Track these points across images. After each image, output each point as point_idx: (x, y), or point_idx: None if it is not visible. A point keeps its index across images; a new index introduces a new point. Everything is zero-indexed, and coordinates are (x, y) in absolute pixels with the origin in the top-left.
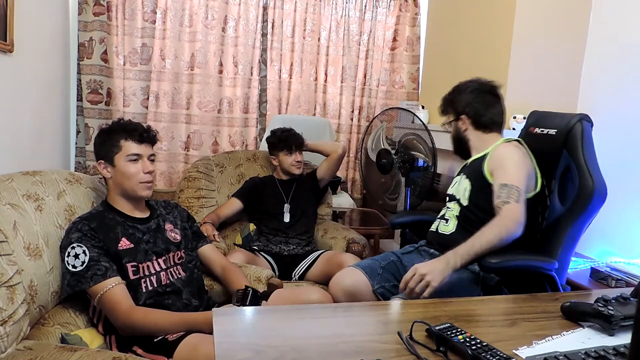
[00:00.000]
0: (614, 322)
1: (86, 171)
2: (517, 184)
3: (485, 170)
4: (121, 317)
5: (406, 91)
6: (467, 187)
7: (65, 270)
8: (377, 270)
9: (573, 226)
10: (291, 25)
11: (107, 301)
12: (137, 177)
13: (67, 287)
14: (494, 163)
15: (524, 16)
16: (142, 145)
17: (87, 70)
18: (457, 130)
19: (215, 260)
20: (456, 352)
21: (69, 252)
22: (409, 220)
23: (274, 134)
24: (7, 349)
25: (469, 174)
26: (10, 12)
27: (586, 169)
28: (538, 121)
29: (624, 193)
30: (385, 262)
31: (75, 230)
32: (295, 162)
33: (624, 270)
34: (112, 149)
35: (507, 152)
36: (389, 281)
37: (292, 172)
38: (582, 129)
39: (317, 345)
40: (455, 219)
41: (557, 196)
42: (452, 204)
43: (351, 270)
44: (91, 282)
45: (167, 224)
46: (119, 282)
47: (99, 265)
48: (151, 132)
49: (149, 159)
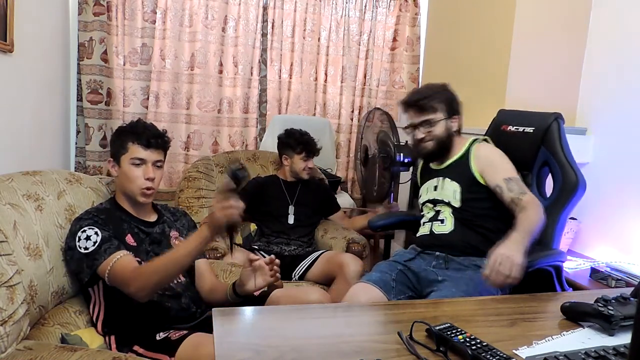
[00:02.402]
0: (614, 322)
1: (86, 171)
2: (517, 176)
3: (474, 170)
4: (131, 281)
5: (406, 91)
6: (456, 189)
7: (79, 256)
8: (390, 284)
9: (561, 217)
10: (291, 25)
11: (116, 271)
12: (138, 182)
13: (86, 269)
14: (482, 162)
15: (524, 16)
16: (148, 150)
17: (87, 70)
18: (448, 130)
19: (206, 275)
20: (456, 352)
21: (79, 237)
22: (390, 222)
23: (292, 135)
24: (7, 349)
25: (454, 176)
26: (10, 12)
27: (567, 164)
28: (509, 119)
29: (624, 193)
30: (394, 273)
31: (86, 218)
32: (308, 168)
33: (624, 270)
34: (120, 149)
35: (491, 150)
36: (404, 292)
37: (302, 176)
38: (559, 126)
39: (317, 345)
40: (452, 218)
41: (536, 189)
42: (442, 206)
43: (364, 287)
44: (105, 255)
45: (172, 231)
46: (127, 253)
47: (111, 241)
48: (161, 138)
49: (154, 165)
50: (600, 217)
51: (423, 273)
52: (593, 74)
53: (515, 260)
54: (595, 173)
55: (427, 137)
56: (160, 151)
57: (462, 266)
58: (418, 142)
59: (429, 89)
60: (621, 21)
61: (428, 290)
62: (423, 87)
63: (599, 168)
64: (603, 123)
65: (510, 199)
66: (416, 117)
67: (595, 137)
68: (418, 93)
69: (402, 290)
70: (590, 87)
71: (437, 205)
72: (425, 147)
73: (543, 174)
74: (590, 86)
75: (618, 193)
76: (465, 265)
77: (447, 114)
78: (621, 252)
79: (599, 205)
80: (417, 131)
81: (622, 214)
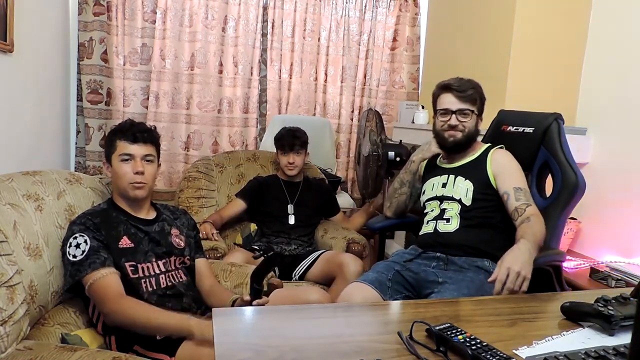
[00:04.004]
0: (614, 322)
1: (86, 171)
2: (527, 188)
3: (489, 173)
4: (110, 302)
5: (406, 91)
6: (469, 187)
7: (67, 262)
8: (385, 284)
9: (561, 217)
10: (291, 25)
11: (98, 287)
12: (127, 177)
13: (68, 278)
14: (498, 167)
15: (524, 16)
16: (134, 145)
17: (87, 70)
18: (476, 126)
19: (206, 276)
20: (456, 352)
21: (70, 243)
22: (389, 224)
23: (278, 132)
24: (7, 349)
25: (468, 175)
26: (10, 12)
27: (567, 164)
28: (509, 120)
29: (624, 193)
30: (390, 273)
31: (79, 224)
32: (288, 163)
33: (624, 270)
34: (110, 149)
35: (510, 158)
36: (400, 292)
37: (286, 172)
38: (558, 127)
39: (317, 345)
40: (458, 217)
41: (535, 189)
42: (449, 203)
43: (359, 286)
44: (89, 270)
45: (173, 228)
46: (113, 272)
47: (98, 254)
48: (148, 132)
49: (144, 160)
50: (600, 217)
51: (423, 274)
52: (593, 74)
53: (526, 275)
54: (595, 173)
55: (460, 126)
56: (149, 145)
57: (463, 268)
58: (449, 128)
59: (472, 82)
60: (621, 21)
61: (427, 291)
62: (464, 78)
63: (599, 168)
64: (603, 123)
65: (515, 207)
66: (455, 103)
67: (595, 137)
68: (462, 81)
69: (398, 291)
70: (590, 87)
71: (443, 203)
72: (454, 136)
73: (543, 174)
74: (590, 86)
75: (618, 193)
76: (466, 267)
77: (478, 112)
78: (621, 252)
79: (599, 205)
80: (452, 117)
81: (622, 214)
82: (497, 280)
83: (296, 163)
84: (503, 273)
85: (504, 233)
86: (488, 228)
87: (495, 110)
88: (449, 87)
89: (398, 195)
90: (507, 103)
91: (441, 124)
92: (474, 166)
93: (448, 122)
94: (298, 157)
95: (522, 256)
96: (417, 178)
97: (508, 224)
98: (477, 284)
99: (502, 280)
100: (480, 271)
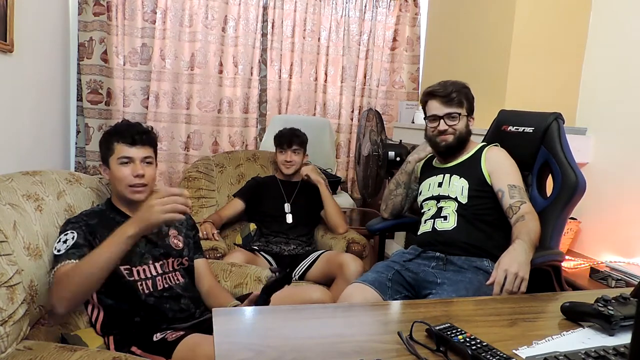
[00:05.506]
0: (614, 322)
1: (86, 171)
2: (522, 185)
3: (484, 171)
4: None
5: (406, 91)
6: (464, 185)
7: (52, 257)
8: (385, 284)
9: (560, 217)
10: (291, 25)
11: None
12: (126, 180)
13: (50, 272)
14: (492, 165)
15: (524, 16)
16: (133, 147)
17: (87, 70)
18: (467, 127)
19: (205, 276)
20: (456, 352)
21: (59, 239)
22: (387, 226)
23: (278, 131)
24: (7, 349)
25: (463, 173)
26: (10, 12)
27: (567, 164)
28: (509, 119)
29: (624, 193)
30: (390, 273)
31: (73, 222)
32: (285, 161)
33: (624, 270)
34: (107, 152)
35: (504, 155)
36: (400, 292)
37: (282, 171)
38: (558, 126)
39: (317, 345)
40: (455, 214)
41: (536, 189)
42: (446, 202)
43: (359, 287)
44: (65, 260)
45: (171, 229)
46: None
47: (80, 249)
48: (146, 134)
49: (144, 162)
50: (600, 217)
51: (422, 274)
52: (593, 74)
53: (523, 276)
54: (595, 173)
55: (450, 129)
56: (148, 147)
57: (462, 268)
58: (439, 133)
59: (456, 84)
60: (621, 22)
61: (426, 291)
62: (448, 81)
63: (599, 168)
64: (603, 123)
65: (509, 204)
66: (441, 108)
67: (595, 137)
68: (446, 85)
69: (398, 291)
70: (590, 87)
71: (440, 202)
72: (445, 140)
73: (543, 174)
74: (590, 86)
75: (618, 193)
76: (465, 267)
77: (467, 112)
78: (621, 252)
79: (599, 205)
80: (441, 123)
81: (622, 214)
82: (495, 282)
83: (293, 162)
84: (501, 275)
85: (501, 230)
86: (485, 225)
87: (495, 110)
88: (433, 93)
89: (394, 196)
90: (507, 103)
91: (431, 130)
92: (468, 164)
93: (437, 127)
94: (296, 156)
95: (519, 257)
96: (413, 179)
97: (505, 221)
98: (475, 285)
99: (500, 282)
100: (479, 272)
